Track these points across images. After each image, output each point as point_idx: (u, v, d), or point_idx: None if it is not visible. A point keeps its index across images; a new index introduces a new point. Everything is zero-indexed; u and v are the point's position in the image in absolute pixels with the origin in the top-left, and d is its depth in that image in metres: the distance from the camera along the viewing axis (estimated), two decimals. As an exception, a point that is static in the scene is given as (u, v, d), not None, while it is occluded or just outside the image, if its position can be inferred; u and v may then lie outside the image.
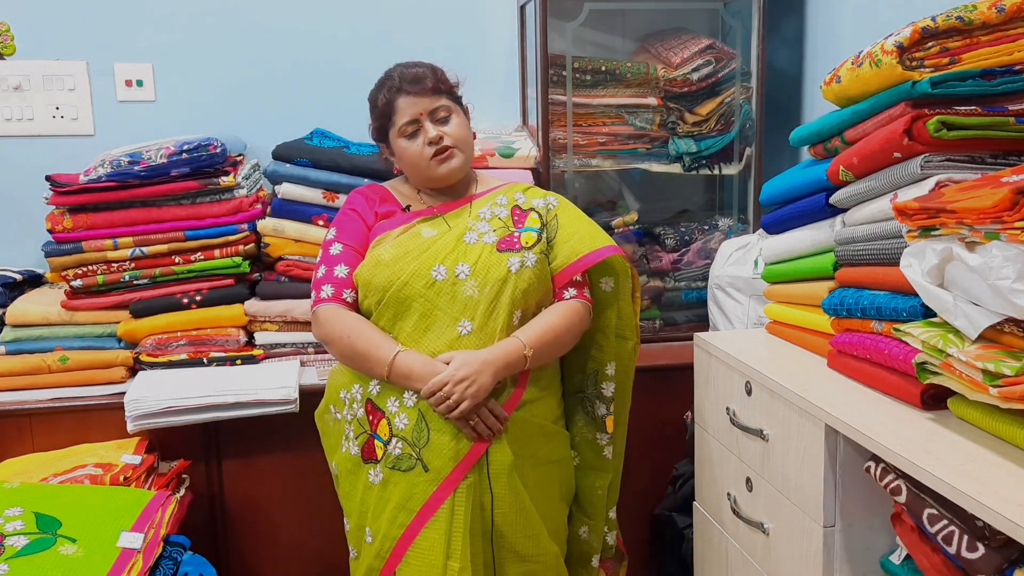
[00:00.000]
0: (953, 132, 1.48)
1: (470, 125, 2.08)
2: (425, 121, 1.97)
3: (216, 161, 2.42)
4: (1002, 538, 1.23)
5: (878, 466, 1.47)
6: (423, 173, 2.01)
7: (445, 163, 1.98)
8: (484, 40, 2.87)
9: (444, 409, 1.81)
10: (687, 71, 2.63)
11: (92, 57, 2.73)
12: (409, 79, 1.99)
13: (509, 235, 1.97)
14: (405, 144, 1.99)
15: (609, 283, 2.04)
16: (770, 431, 1.76)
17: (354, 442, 1.92)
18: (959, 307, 1.35)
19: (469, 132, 2.05)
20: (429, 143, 1.96)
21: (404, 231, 1.97)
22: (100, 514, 1.92)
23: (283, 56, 2.81)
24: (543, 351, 1.90)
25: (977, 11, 1.55)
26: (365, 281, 1.92)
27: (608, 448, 2.07)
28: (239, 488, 2.43)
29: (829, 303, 1.77)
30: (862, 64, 1.65)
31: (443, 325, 1.88)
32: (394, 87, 1.99)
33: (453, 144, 1.98)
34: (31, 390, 2.36)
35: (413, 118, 1.97)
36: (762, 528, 1.80)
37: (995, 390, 1.26)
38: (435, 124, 1.98)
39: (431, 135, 1.96)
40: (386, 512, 1.87)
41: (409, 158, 2.00)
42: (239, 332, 2.48)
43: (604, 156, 2.68)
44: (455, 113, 2.02)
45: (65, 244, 2.41)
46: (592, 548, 2.09)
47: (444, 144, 1.97)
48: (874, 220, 1.68)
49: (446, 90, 2.02)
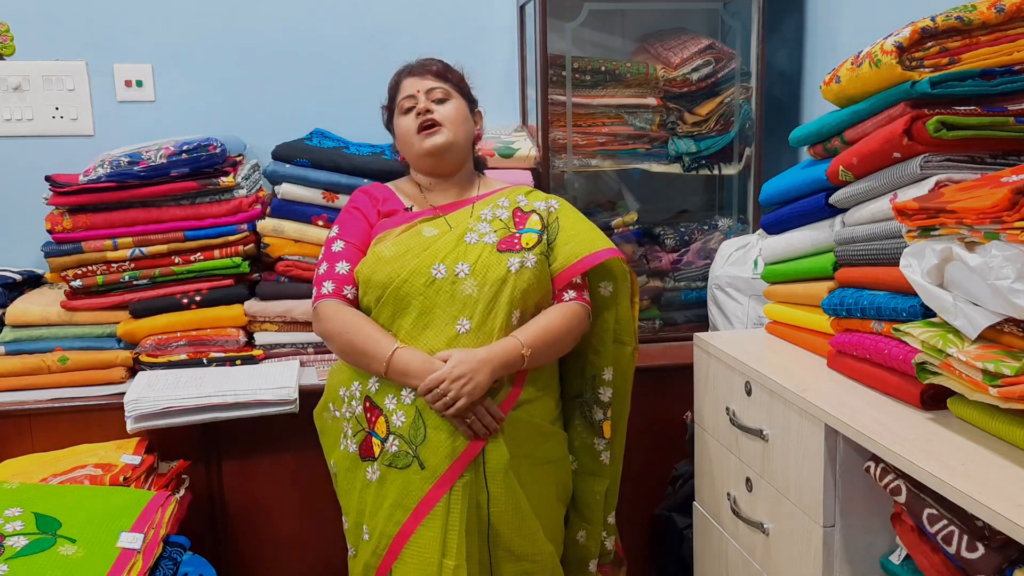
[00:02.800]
0: (953, 132, 1.48)
1: (475, 122, 2.12)
2: (420, 95, 2.02)
3: (216, 161, 2.42)
4: (1002, 538, 1.23)
5: (878, 466, 1.47)
6: (411, 149, 2.04)
7: (429, 137, 2.00)
8: (484, 40, 2.87)
9: (440, 406, 1.81)
10: (687, 71, 2.63)
11: (92, 57, 2.73)
12: (419, 62, 2.09)
13: (510, 236, 1.97)
14: (401, 120, 2.05)
15: (608, 287, 2.04)
16: (770, 431, 1.76)
17: (352, 440, 1.93)
18: (959, 307, 1.35)
19: (465, 119, 2.07)
20: (417, 114, 2.01)
21: (406, 229, 1.98)
22: (100, 514, 1.92)
23: (283, 56, 2.81)
24: (541, 351, 1.90)
25: (977, 11, 1.55)
26: (365, 278, 1.93)
27: (605, 453, 2.07)
28: (239, 488, 2.43)
29: (829, 303, 1.77)
30: (862, 64, 1.65)
31: (442, 323, 1.88)
32: (404, 70, 2.10)
33: (441, 121, 2.01)
34: (31, 390, 2.36)
35: (411, 94, 2.03)
36: (762, 528, 1.80)
37: (995, 390, 1.26)
38: (430, 102, 2.02)
39: (421, 106, 2.01)
40: (383, 510, 1.87)
41: (401, 134, 2.05)
42: (239, 332, 2.47)
43: (604, 156, 2.68)
44: (454, 98, 2.05)
45: (65, 244, 2.41)
46: (590, 553, 2.09)
47: (430, 117, 2.00)
48: (874, 220, 1.68)
49: (453, 80, 2.07)
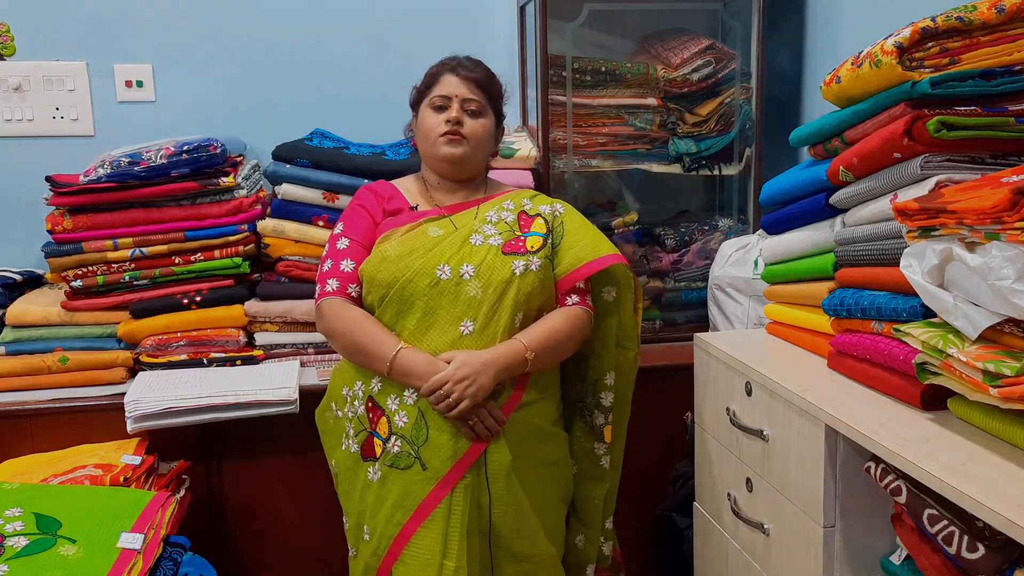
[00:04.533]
0: (953, 132, 1.48)
1: (497, 140, 2.13)
2: (455, 103, 2.02)
3: (216, 162, 2.42)
4: (1002, 538, 1.23)
5: (878, 466, 1.47)
6: (430, 147, 2.04)
7: (450, 145, 2.01)
8: (484, 40, 2.87)
9: (443, 408, 1.81)
10: (687, 71, 2.63)
11: (92, 58, 2.73)
12: (466, 64, 2.07)
13: (515, 239, 1.97)
14: (428, 113, 2.04)
15: (611, 292, 2.04)
16: (770, 431, 1.76)
17: (354, 440, 1.93)
18: (959, 307, 1.35)
19: (489, 137, 2.08)
20: (447, 120, 2.01)
21: (411, 229, 1.98)
22: (100, 515, 1.92)
23: (283, 56, 2.81)
24: (544, 355, 1.90)
25: (977, 11, 1.55)
26: (370, 276, 1.92)
27: (606, 458, 2.07)
28: (239, 489, 2.43)
29: (829, 303, 1.77)
30: (862, 64, 1.65)
31: (445, 324, 1.88)
32: (449, 64, 2.08)
33: (467, 135, 2.01)
34: (31, 391, 2.36)
35: (448, 95, 2.02)
36: (762, 528, 1.80)
37: (995, 390, 1.26)
38: (463, 111, 2.02)
39: (453, 115, 2.01)
40: (383, 510, 1.87)
41: (425, 127, 2.04)
42: (239, 333, 2.47)
43: (604, 156, 2.68)
44: (487, 116, 2.06)
45: (65, 245, 2.41)
46: (588, 558, 2.09)
47: (457, 130, 2.00)
48: (874, 220, 1.68)
49: (493, 94, 2.07)
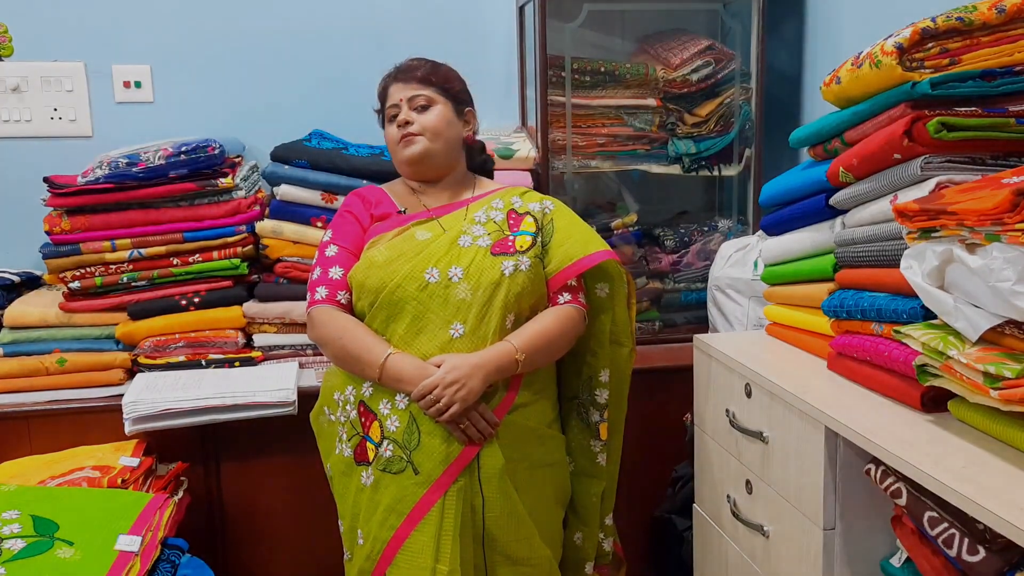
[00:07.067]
0: (953, 133, 1.48)
1: (466, 122, 2.09)
2: (403, 105, 2.02)
3: (214, 162, 2.41)
4: (1003, 541, 1.23)
5: (878, 469, 1.46)
6: (395, 156, 2.07)
7: (407, 148, 2.01)
8: (483, 41, 2.87)
9: (434, 412, 1.81)
10: (686, 72, 2.63)
11: (90, 58, 2.73)
12: (402, 68, 2.07)
13: (504, 239, 1.96)
14: (388, 127, 2.06)
15: (604, 288, 2.03)
16: (770, 433, 1.75)
17: (347, 444, 1.92)
18: (959, 309, 1.35)
19: (448, 125, 2.03)
20: (398, 126, 2.02)
21: (398, 233, 1.97)
22: (98, 517, 1.92)
23: (282, 57, 2.81)
24: (535, 356, 1.89)
25: (977, 12, 1.55)
26: (359, 283, 1.92)
27: (602, 455, 2.06)
28: (237, 490, 2.43)
29: (829, 305, 1.76)
30: (862, 65, 1.65)
31: (435, 328, 1.87)
32: (391, 74, 2.09)
33: (419, 131, 2.00)
34: (29, 392, 2.36)
35: (395, 103, 2.03)
36: (762, 531, 1.80)
37: (996, 392, 1.25)
38: (412, 111, 2.02)
39: (401, 118, 2.01)
40: (377, 514, 1.86)
41: (388, 141, 2.08)
42: (237, 334, 2.47)
43: (603, 157, 2.67)
44: (438, 103, 2.03)
45: (63, 246, 2.41)
46: (586, 555, 2.08)
47: (408, 130, 2.00)
48: (874, 221, 1.67)
49: (437, 83, 2.04)
